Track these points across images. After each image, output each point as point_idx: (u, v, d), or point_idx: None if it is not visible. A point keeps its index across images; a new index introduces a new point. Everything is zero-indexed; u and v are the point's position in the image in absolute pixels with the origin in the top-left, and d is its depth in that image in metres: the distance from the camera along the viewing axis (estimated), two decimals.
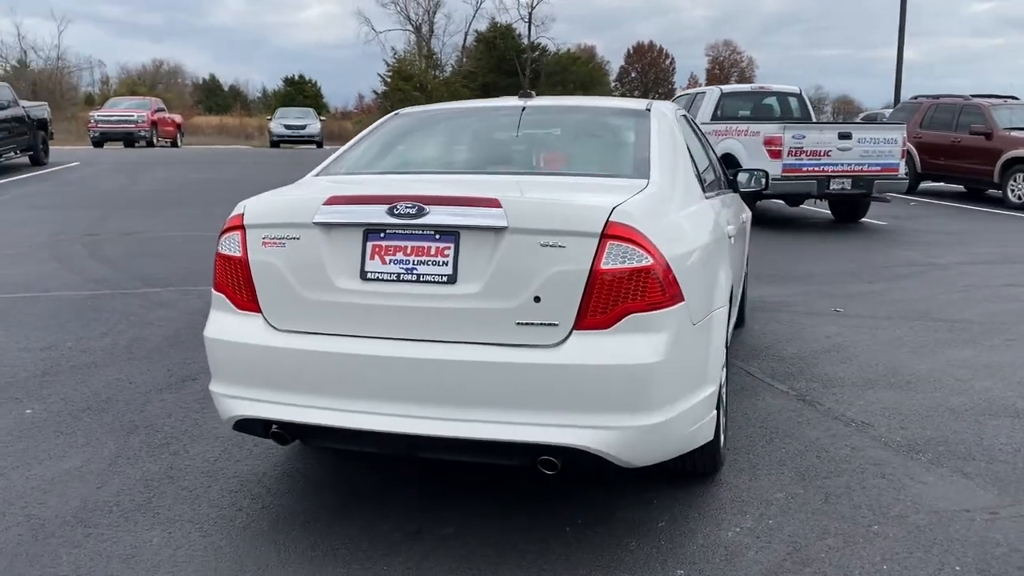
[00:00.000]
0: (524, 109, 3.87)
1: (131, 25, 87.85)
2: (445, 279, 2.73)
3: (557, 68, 49.45)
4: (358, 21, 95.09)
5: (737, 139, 11.96)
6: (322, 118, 34.12)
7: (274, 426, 2.88)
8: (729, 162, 11.99)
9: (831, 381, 4.81)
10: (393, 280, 2.77)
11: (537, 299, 2.66)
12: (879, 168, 11.30)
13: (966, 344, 5.62)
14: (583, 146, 3.61)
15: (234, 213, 3.01)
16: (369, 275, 2.79)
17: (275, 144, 30.57)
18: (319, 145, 30.61)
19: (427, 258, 2.75)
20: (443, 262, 2.73)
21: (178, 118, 31.63)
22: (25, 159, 19.06)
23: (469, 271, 2.71)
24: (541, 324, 2.66)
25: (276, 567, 2.80)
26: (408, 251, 2.76)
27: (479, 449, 2.71)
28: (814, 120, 14.05)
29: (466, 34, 53.34)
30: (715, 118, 13.06)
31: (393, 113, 4.15)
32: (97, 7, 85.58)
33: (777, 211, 13.42)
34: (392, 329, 2.76)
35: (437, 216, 2.72)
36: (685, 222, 3.07)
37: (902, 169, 11.49)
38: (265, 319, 2.92)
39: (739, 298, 5.39)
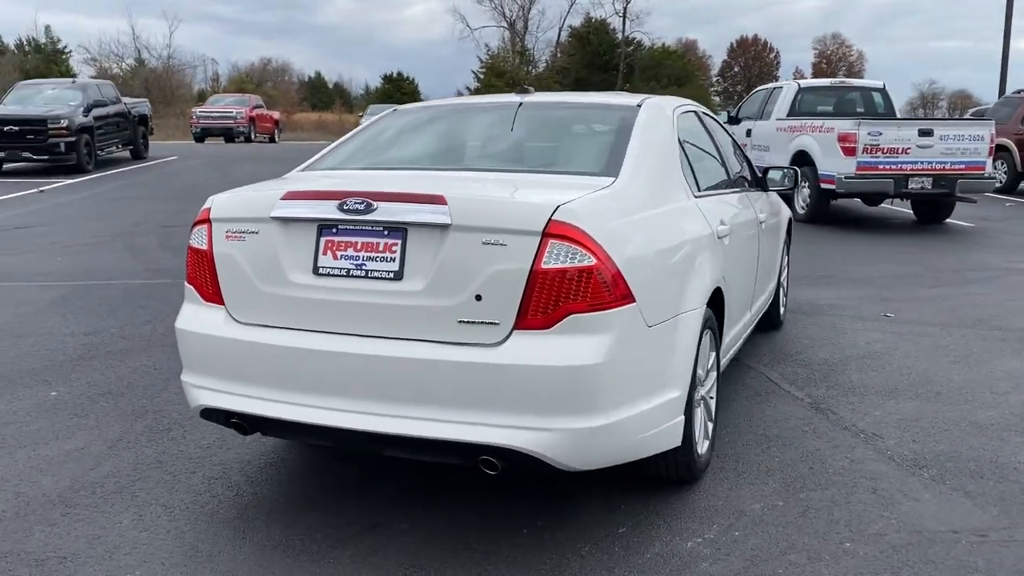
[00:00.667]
0: (520, 105, 3.83)
1: (244, 23, 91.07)
2: (392, 275, 2.73)
3: (651, 63, 48.80)
4: (454, 18, 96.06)
5: (811, 136, 11.56)
6: None
7: (233, 417, 2.94)
8: (803, 160, 11.63)
9: (853, 389, 4.60)
10: (343, 275, 2.79)
11: (478, 297, 2.63)
12: (963, 166, 10.73)
13: (1015, 355, 5.28)
14: (562, 143, 3.55)
15: (204, 207, 3.08)
16: (321, 270, 2.82)
17: None
18: None
19: (376, 254, 2.76)
20: (390, 258, 2.74)
21: (276, 114, 32.67)
22: (126, 153, 20.03)
23: (415, 268, 2.71)
24: (482, 323, 2.64)
25: (227, 553, 2.87)
26: (358, 247, 2.78)
27: (420, 447, 2.70)
28: (898, 116, 13.45)
29: (560, 30, 53.26)
30: (792, 114, 12.66)
31: (392, 110, 4.18)
32: (213, 7, 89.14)
33: (857, 210, 12.91)
34: (341, 324, 2.78)
35: (384, 212, 2.72)
36: (650, 222, 2.99)
37: (989, 168, 10.89)
38: (228, 311, 2.98)
39: (768, 300, 5.22)
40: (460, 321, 2.65)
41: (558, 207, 2.63)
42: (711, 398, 3.61)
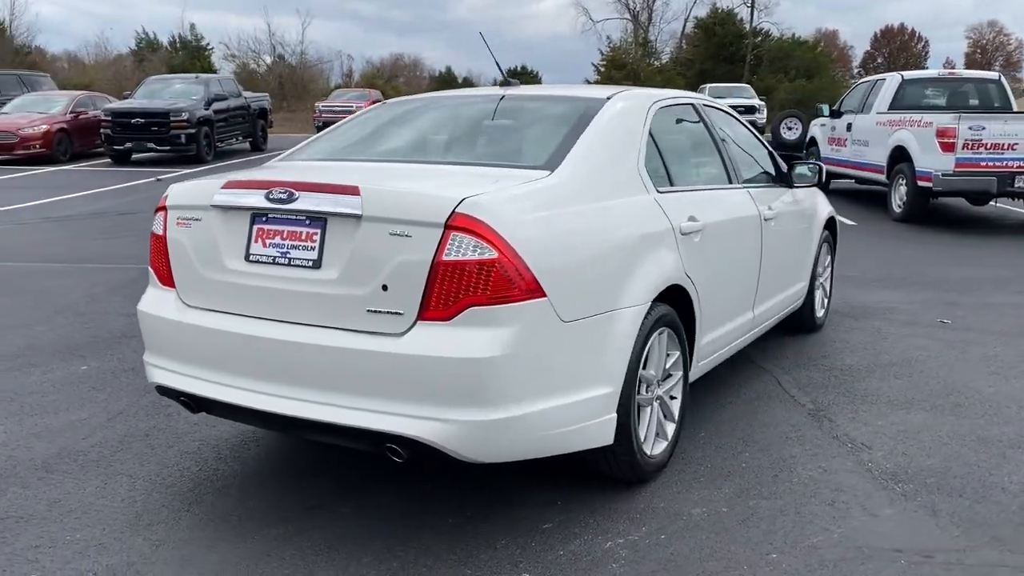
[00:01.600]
0: (503, 98, 3.84)
1: (380, 20, 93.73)
2: (311, 264, 2.81)
3: (779, 54, 47.12)
4: (577, 11, 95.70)
5: (909, 130, 10.95)
6: None
7: (182, 396, 3.10)
8: (901, 156, 11.03)
9: (866, 397, 4.38)
10: (270, 263, 2.89)
11: (385, 287, 2.68)
12: None
13: None
14: (518, 136, 3.52)
15: (164, 195, 3.25)
16: (252, 257, 2.92)
17: None
18: None
19: (298, 243, 2.84)
20: (310, 247, 2.82)
21: None
22: (246, 145, 21.04)
23: (332, 257, 2.77)
24: (388, 312, 2.68)
25: (166, 524, 3.02)
26: (284, 235, 2.87)
27: (332, 432, 2.77)
28: (1015, 110, 12.54)
29: (685, 21, 52.18)
30: (894, 107, 12.02)
31: (381, 103, 4.26)
32: (354, 4, 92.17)
33: (965, 210, 12.14)
34: (267, 310, 2.88)
35: (304, 202, 2.80)
36: (580, 216, 2.95)
37: None
38: (178, 295, 3.14)
39: (793, 301, 5.03)
40: (368, 310, 2.70)
41: (462, 200, 2.64)
42: (673, 398, 3.52)
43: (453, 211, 2.62)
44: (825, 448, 3.72)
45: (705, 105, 4.35)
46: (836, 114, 13.57)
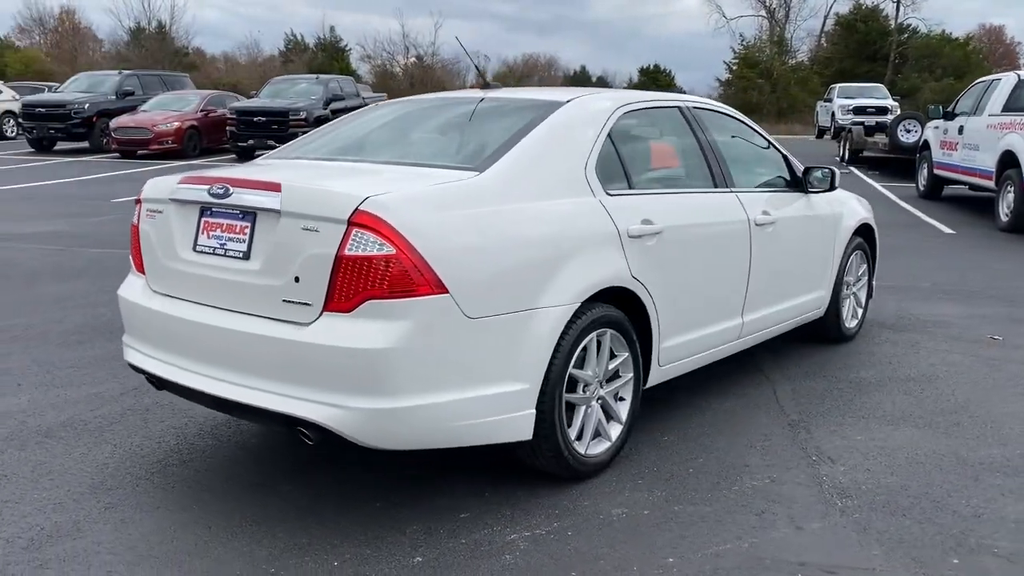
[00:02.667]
0: (481, 100, 3.95)
1: (520, 21, 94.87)
2: (241, 255, 3.02)
3: (926, 52, 44.71)
4: (709, 8, 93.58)
5: (1020, 134, 10.28)
6: None
7: (146, 374, 3.38)
8: (1010, 161, 10.37)
9: (860, 412, 4.23)
10: (211, 253, 3.11)
11: (297, 279, 2.85)
12: None
13: None
14: (469, 138, 3.60)
15: (142, 188, 3.54)
16: (198, 248, 3.16)
17: None
18: None
19: (234, 235, 3.05)
20: (242, 240, 3.02)
21: None
22: None
23: (258, 249, 2.97)
24: (299, 303, 2.85)
25: (123, 489, 3.31)
26: (224, 228, 3.09)
27: (253, 413, 2.97)
28: None
29: (825, 17, 50.25)
30: (1007, 109, 11.28)
31: (373, 104, 4.44)
32: (495, 5, 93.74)
33: None
34: (208, 297, 3.11)
35: (237, 197, 3.02)
36: (500, 217, 3.03)
37: None
38: (146, 281, 3.42)
39: (809, 309, 4.91)
40: (283, 300, 2.88)
41: (366, 198, 2.77)
42: (621, 400, 3.54)
43: (356, 208, 2.76)
44: (785, 460, 3.64)
45: (696, 108, 4.31)
46: (949, 116, 12.87)
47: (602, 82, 75.18)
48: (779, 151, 4.85)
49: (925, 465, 3.60)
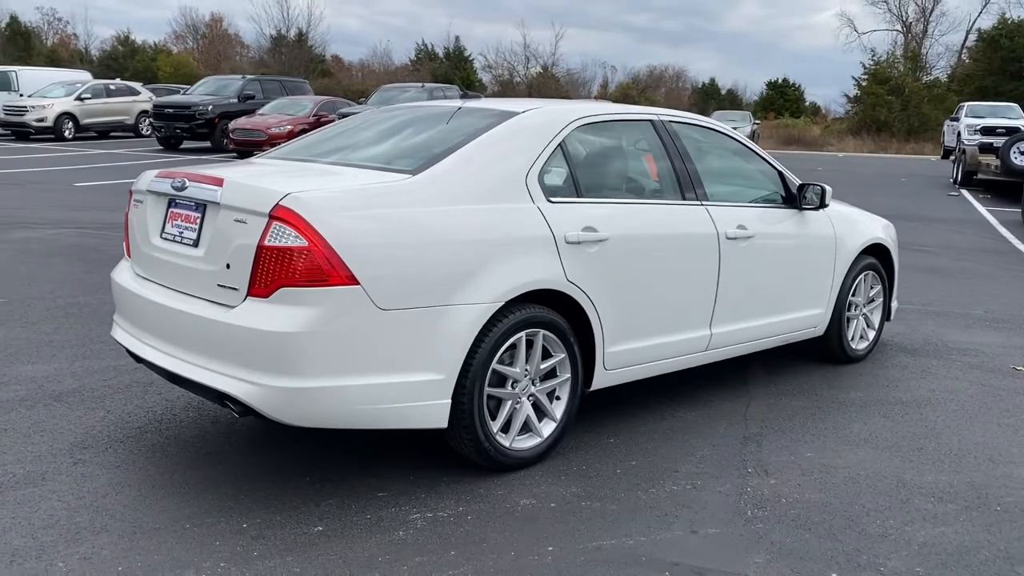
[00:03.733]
0: (459, 109, 4.17)
1: (652, 32, 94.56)
2: (192, 243, 3.35)
3: None
4: (840, 23, 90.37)
5: None
6: (756, 122, 33.71)
7: (125, 349, 3.76)
8: None
9: (824, 431, 4.21)
10: (172, 240, 3.46)
11: (228, 266, 3.15)
12: None
13: None
14: (423, 143, 3.79)
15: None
16: (164, 235, 3.52)
17: None
18: None
19: (189, 225, 3.39)
20: (193, 229, 3.35)
21: None
22: None
23: (204, 238, 3.29)
24: (229, 287, 3.15)
25: (96, 448, 3.69)
26: (183, 218, 3.43)
27: (192, 387, 3.29)
28: None
29: (967, 32, 47.80)
30: None
31: (360, 112, 4.73)
32: (624, 16, 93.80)
33: None
34: (168, 280, 3.46)
35: (190, 190, 3.35)
36: (422, 217, 3.23)
37: None
38: (131, 264, 3.81)
39: (804, 326, 4.90)
40: (218, 284, 3.19)
41: (287, 195, 3.05)
42: (558, 399, 3.69)
43: (276, 204, 3.04)
44: (718, 469, 3.69)
45: (673, 122, 4.39)
46: None
47: (731, 95, 73.95)
48: (774, 167, 4.86)
49: (860, 485, 3.58)
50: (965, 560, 2.99)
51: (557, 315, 3.60)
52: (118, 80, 28.12)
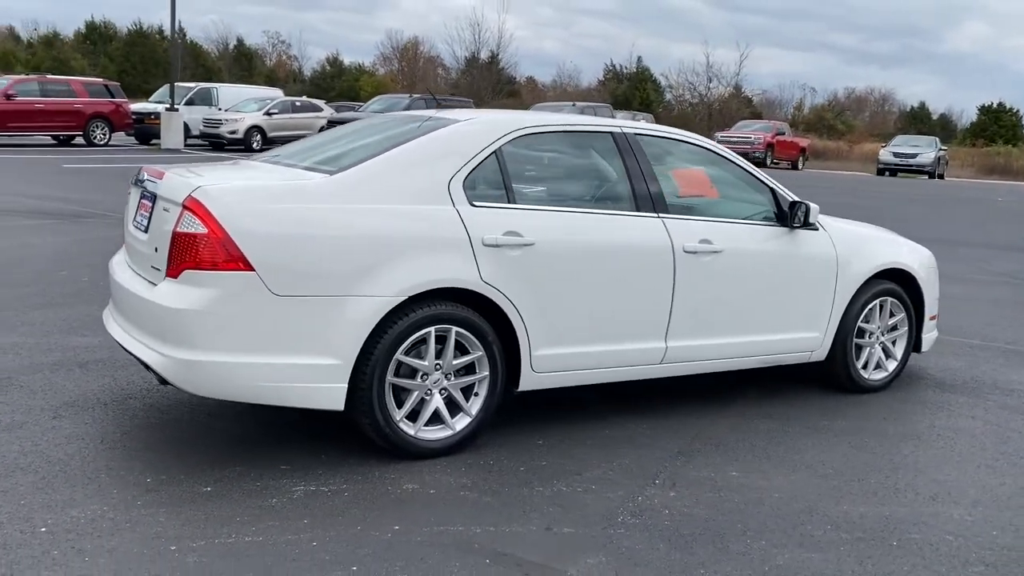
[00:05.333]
0: (428, 119, 4.41)
1: (862, 53, 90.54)
2: (143, 228, 3.79)
3: None
4: None
5: None
6: (943, 148, 31.44)
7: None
8: None
9: (764, 454, 4.08)
10: (136, 227, 3.93)
11: (156, 249, 3.56)
12: None
13: None
14: (364, 148, 4.02)
15: None
16: (134, 222, 3.99)
17: (880, 172, 29.52)
18: (931, 176, 28.46)
19: (144, 213, 3.84)
20: (146, 216, 3.80)
21: (804, 141, 32.70)
22: None
23: (151, 225, 3.73)
24: (156, 268, 3.56)
25: (77, 409, 4.21)
26: (143, 207, 3.89)
27: (134, 356, 3.71)
28: None
29: None
30: None
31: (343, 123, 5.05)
32: (833, 36, 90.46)
33: None
34: (132, 261, 3.93)
35: (146, 183, 3.80)
36: (330, 214, 3.50)
37: None
38: (124, 251, 4.33)
39: (786, 348, 4.76)
40: (152, 266, 3.61)
41: (197, 188, 3.41)
42: (476, 395, 3.83)
43: (188, 195, 3.41)
44: (625, 478, 3.69)
45: (640, 135, 4.41)
46: None
47: (944, 120, 69.27)
48: (766, 185, 4.75)
49: (762, 507, 3.48)
50: None
51: (474, 314, 3.75)
52: (304, 97, 30.41)
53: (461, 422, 3.82)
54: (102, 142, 23.20)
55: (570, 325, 4.01)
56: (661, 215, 4.28)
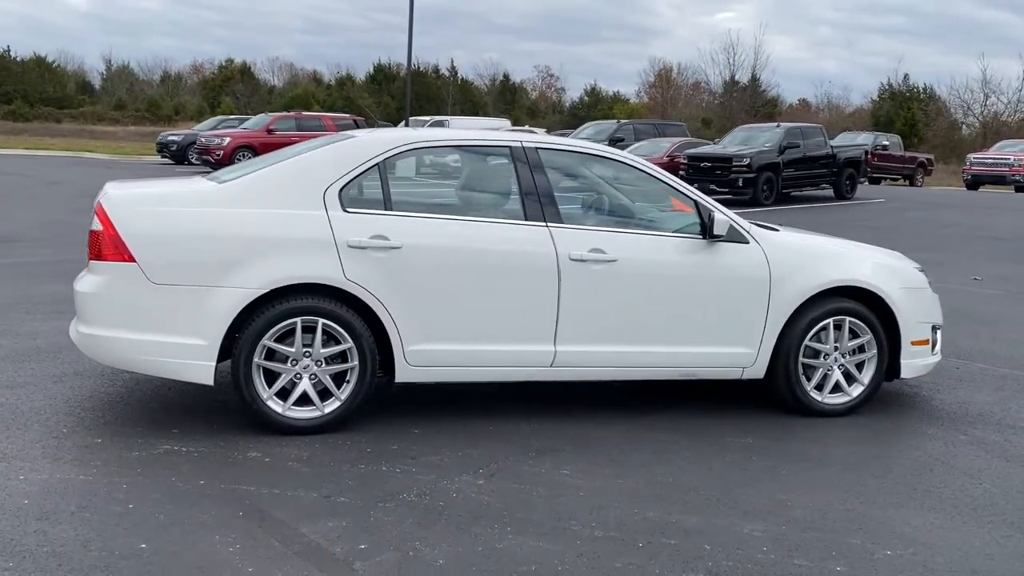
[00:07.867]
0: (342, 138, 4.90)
1: None
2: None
3: None
4: None
5: None
6: None
7: None
8: None
9: (636, 465, 4.11)
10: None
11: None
12: None
13: None
14: (272, 161, 4.51)
15: None
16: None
17: None
18: None
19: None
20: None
21: None
22: (830, 192, 21.35)
23: None
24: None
25: (75, 375, 5.15)
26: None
27: None
28: None
29: None
30: None
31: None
32: None
33: None
34: None
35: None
36: (204, 215, 4.12)
37: None
38: None
39: (709, 362, 4.70)
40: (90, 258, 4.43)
41: (104, 195, 4.18)
42: (347, 382, 4.25)
43: (97, 201, 4.19)
44: (444, 465, 3.93)
45: (542, 149, 4.60)
46: None
47: None
48: (690, 197, 4.72)
49: (544, 500, 3.60)
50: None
51: (341, 307, 4.18)
52: (523, 126, 31.78)
53: (331, 405, 4.26)
54: None
55: (444, 324, 4.31)
56: (550, 224, 4.45)
